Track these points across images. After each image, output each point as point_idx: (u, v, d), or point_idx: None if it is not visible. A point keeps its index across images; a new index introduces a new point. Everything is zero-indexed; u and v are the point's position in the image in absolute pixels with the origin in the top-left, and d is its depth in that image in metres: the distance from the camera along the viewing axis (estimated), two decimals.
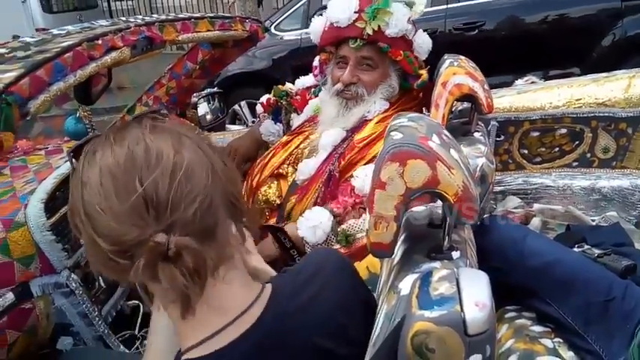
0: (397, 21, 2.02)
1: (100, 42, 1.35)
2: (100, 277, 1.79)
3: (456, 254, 1.08)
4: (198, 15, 1.95)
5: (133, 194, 0.77)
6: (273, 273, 1.17)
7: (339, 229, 1.91)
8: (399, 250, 1.17)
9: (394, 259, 1.17)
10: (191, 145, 0.84)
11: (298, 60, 5.31)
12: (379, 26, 2.01)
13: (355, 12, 2.04)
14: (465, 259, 1.08)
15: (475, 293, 0.83)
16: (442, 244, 1.09)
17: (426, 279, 0.90)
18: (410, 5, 2.09)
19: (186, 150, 0.82)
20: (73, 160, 0.99)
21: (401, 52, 2.07)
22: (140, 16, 1.84)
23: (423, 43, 2.15)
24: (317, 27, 2.23)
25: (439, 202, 1.37)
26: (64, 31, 1.43)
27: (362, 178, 1.94)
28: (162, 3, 14.87)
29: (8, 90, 1.01)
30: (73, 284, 1.63)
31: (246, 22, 2.32)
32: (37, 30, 8.97)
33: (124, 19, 1.74)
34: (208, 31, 1.98)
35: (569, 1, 5.06)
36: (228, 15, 2.35)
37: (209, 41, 2.34)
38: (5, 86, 1.01)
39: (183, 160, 0.80)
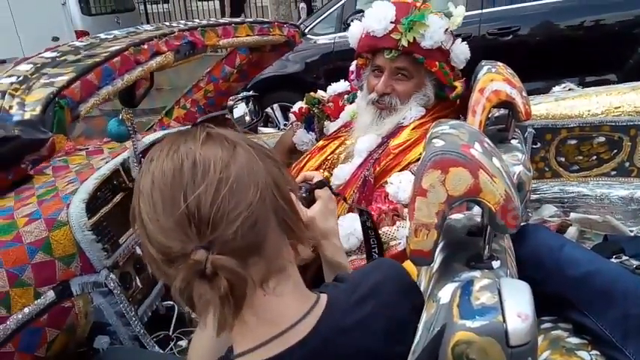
0: (433, 33, 2.01)
1: (145, 47, 1.38)
2: (137, 277, 1.82)
3: (496, 263, 1.08)
4: (238, 20, 1.97)
5: (177, 209, 0.78)
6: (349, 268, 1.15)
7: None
8: (437, 258, 1.17)
9: (433, 267, 1.17)
10: (244, 157, 0.83)
11: (331, 64, 5.31)
12: (414, 38, 2.01)
13: (391, 22, 2.04)
14: (505, 269, 1.07)
15: (517, 304, 0.82)
16: (482, 253, 1.09)
17: (466, 288, 0.90)
18: (448, 16, 2.09)
19: (236, 163, 0.82)
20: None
21: (436, 63, 2.07)
22: (183, 21, 1.87)
23: (460, 53, 2.14)
24: (355, 32, 2.23)
25: (476, 209, 1.37)
26: (111, 36, 1.46)
27: (396, 184, 1.93)
28: (197, 6, 15.09)
29: (61, 94, 1.04)
30: (112, 284, 1.65)
31: (285, 27, 2.34)
32: (75, 32, 9.17)
33: (167, 23, 1.77)
34: (248, 35, 2.01)
35: (605, 7, 4.98)
36: (267, 20, 2.38)
37: (248, 46, 2.36)
38: (59, 90, 1.03)
39: (230, 176, 0.80)
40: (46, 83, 1.06)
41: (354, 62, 2.38)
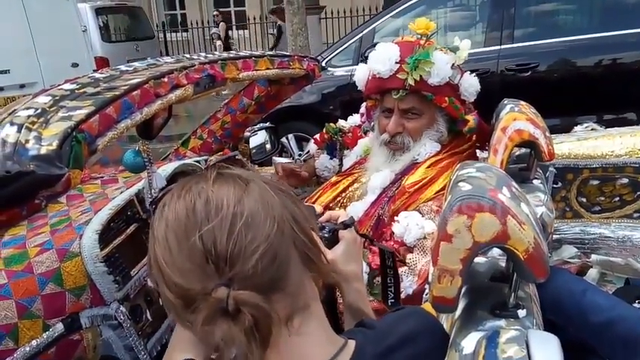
0: (439, 70, 1.98)
1: (165, 80, 1.37)
2: (148, 310, 1.78)
3: (522, 312, 1.03)
4: (258, 53, 1.97)
5: (193, 248, 0.76)
6: (372, 317, 1.13)
7: (375, 283, 1.80)
8: (459, 304, 1.12)
9: (455, 313, 1.12)
10: (258, 191, 0.82)
11: (347, 95, 5.32)
12: (421, 76, 1.98)
13: (396, 62, 2.02)
14: (532, 318, 1.03)
15: (546, 359, 0.79)
16: (507, 301, 1.05)
17: (492, 339, 0.86)
18: (453, 50, 2.07)
19: (249, 198, 0.80)
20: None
21: (446, 98, 2.04)
22: (203, 54, 1.87)
23: (470, 86, 2.10)
24: (361, 75, 2.22)
25: (494, 252, 1.32)
26: (132, 68, 1.45)
27: (403, 225, 1.88)
28: None
29: (79, 128, 1.02)
30: (122, 317, 1.61)
31: (304, 60, 2.34)
32: (95, 58, 9.30)
33: (187, 56, 1.77)
34: (267, 69, 2.00)
35: (623, 45, 4.96)
36: (287, 54, 2.37)
37: (267, 78, 2.36)
38: (76, 124, 1.02)
39: (244, 210, 0.78)
40: (64, 117, 1.04)
41: (364, 104, 2.37)
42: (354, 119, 2.55)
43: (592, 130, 2.59)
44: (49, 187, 1.00)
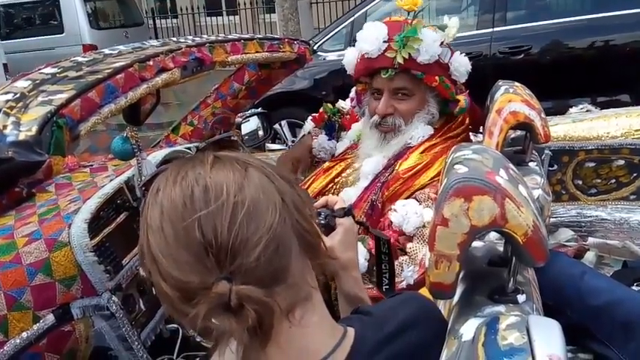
0: (428, 47, 1.94)
1: (151, 63, 1.33)
2: (141, 300, 1.76)
3: (521, 297, 1.01)
4: (247, 36, 1.93)
5: (192, 240, 0.72)
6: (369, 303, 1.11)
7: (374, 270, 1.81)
8: (457, 290, 1.10)
9: (453, 300, 1.10)
10: (258, 178, 0.78)
11: (340, 80, 5.26)
12: (410, 54, 1.94)
13: (384, 41, 1.97)
14: (531, 303, 1.01)
15: (548, 345, 0.77)
16: (506, 286, 1.02)
17: (492, 326, 0.84)
18: (442, 29, 2.03)
19: (250, 185, 0.76)
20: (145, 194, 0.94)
21: (436, 77, 1.99)
22: (190, 37, 1.83)
23: (460, 65, 2.05)
24: (350, 58, 2.18)
25: (491, 235, 1.30)
26: (116, 51, 1.41)
27: (401, 214, 1.85)
28: (205, 22, 15.18)
29: (60, 112, 0.98)
30: (114, 307, 1.59)
31: (295, 43, 2.29)
32: (83, 46, 9.20)
33: (174, 39, 1.72)
34: (257, 52, 1.96)
35: (616, 27, 4.93)
36: (277, 37, 2.33)
37: (257, 62, 2.31)
38: (57, 109, 0.98)
39: (246, 199, 0.74)
40: (43, 101, 1.00)
41: (353, 89, 2.33)
42: (344, 104, 2.50)
43: (587, 111, 2.57)
44: (30, 174, 0.95)
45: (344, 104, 2.49)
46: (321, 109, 2.52)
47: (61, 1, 10.58)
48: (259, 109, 2.93)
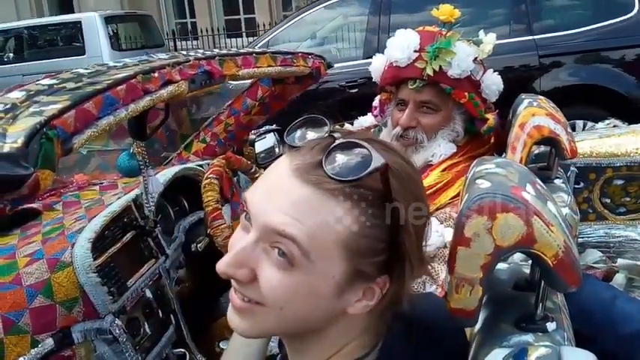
0: (461, 61, 1.86)
1: (156, 75, 1.26)
2: (146, 323, 1.69)
3: (551, 325, 0.91)
4: (259, 50, 1.87)
5: None
6: None
7: None
8: (480, 316, 1.01)
9: (475, 326, 1.01)
10: None
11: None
12: (441, 67, 1.86)
13: (415, 51, 1.90)
14: (562, 332, 0.91)
15: None
16: (534, 312, 0.93)
17: (520, 357, 0.76)
18: (477, 44, 1.95)
19: None
20: None
21: (465, 93, 1.91)
22: (201, 50, 1.78)
23: (492, 84, 1.98)
24: (377, 65, 2.10)
25: (515, 257, 1.21)
26: (121, 63, 1.35)
27: None
28: (225, 43, 15.29)
29: (51, 124, 0.92)
30: (117, 330, 1.52)
31: (309, 58, 2.23)
32: None
33: (184, 52, 1.67)
34: (269, 66, 1.89)
35: None
36: (290, 51, 2.27)
37: (270, 77, 2.25)
38: (47, 120, 0.91)
39: None
40: (34, 112, 0.94)
41: (377, 97, 2.25)
42: (361, 122, 2.41)
43: (614, 126, 2.47)
44: (14, 189, 0.89)
45: (363, 120, 2.42)
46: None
47: (84, 23, 10.71)
48: (274, 126, 2.86)
